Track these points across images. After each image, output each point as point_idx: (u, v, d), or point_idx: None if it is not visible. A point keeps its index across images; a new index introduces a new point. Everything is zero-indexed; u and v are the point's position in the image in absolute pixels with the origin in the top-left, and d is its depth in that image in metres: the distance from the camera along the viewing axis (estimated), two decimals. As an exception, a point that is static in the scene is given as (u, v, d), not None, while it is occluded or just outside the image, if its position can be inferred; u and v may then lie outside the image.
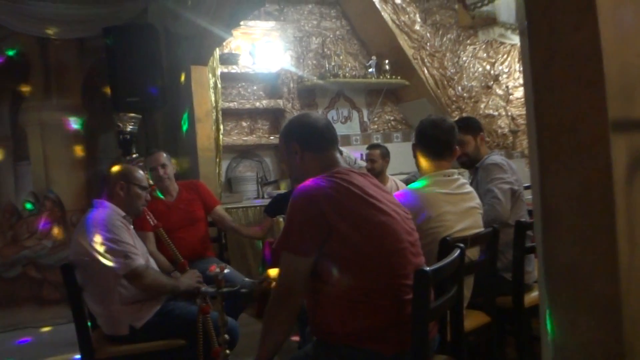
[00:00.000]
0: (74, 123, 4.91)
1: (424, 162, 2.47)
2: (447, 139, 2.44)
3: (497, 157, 2.99)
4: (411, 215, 1.98)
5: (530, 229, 2.64)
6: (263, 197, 5.29)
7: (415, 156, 2.52)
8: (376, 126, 6.38)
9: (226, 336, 2.22)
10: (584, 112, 1.17)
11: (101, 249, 2.41)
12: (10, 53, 4.79)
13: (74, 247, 2.49)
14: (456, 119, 3.12)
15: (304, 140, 1.94)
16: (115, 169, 2.71)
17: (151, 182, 3.48)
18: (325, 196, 1.72)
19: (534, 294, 2.78)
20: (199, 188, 3.73)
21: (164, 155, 3.58)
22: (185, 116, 4.62)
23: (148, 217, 2.81)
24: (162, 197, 3.53)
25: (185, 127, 4.65)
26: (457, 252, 1.94)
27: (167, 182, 3.54)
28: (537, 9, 1.23)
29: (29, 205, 4.71)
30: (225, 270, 2.18)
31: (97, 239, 2.43)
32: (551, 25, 1.21)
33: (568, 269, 1.20)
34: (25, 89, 4.84)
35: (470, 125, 3.08)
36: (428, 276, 1.64)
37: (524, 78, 1.39)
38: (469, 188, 2.55)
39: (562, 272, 1.21)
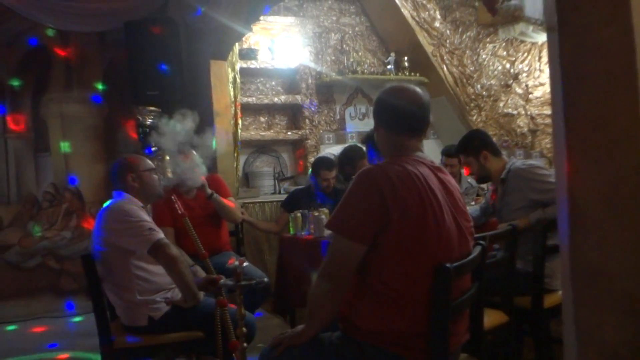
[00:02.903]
0: (94, 115, 4.95)
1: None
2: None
3: (521, 162, 3.00)
4: None
5: (551, 228, 2.62)
6: (280, 193, 5.30)
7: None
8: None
9: (244, 329, 2.23)
10: (615, 107, 1.15)
11: (124, 230, 2.43)
12: (32, 45, 4.83)
13: (96, 239, 2.51)
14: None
15: (382, 114, 1.86)
16: (120, 162, 2.70)
17: (170, 174, 3.49)
18: (389, 184, 1.63)
19: (553, 294, 2.75)
20: (216, 182, 3.74)
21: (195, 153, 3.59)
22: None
23: (176, 206, 2.83)
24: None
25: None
26: (478, 249, 1.92)
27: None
28: (568, 3, 1.21)
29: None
30: (244, 264, 2.18)
31: (118, 223, 2.46)
32: (582, 19, 1.19)
33: (595, 269, 1.18)
34: (47, 81, 4.89)
35: (470, 147, 3.01)
36: (449, 272, 1.63)
37: (551, 73, 1.37)
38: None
39: (589, 272, 1.19)
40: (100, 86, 4.94)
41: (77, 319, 4.51)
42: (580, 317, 1.21)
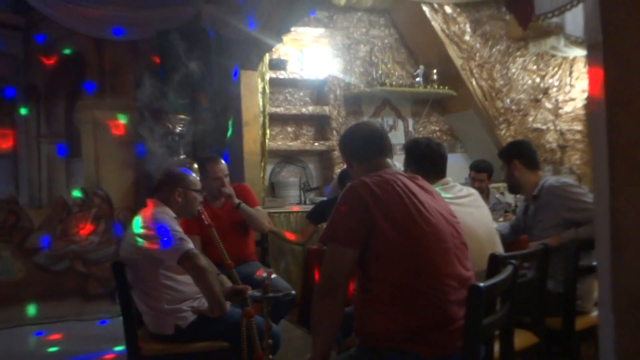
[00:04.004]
0: (126, 123, 5.03)
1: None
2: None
3: (554, 179, 2.96)
4: None
5: (584, 248, 2.57)
6: (305, 203, 5.30)
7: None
8: (421, 136, 6.31)
9: (270, 341, 2.22)
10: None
11: (155, 239, 2.45)
12: (67, 52, 4.94)
13: (126, 246, 2.54)
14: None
15: (350, 150, 2.07)
16: (172, 174, 2.73)
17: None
18: (369, 192, 1.78)
19: (585, 317, 2.70)
20: (243, 191, 3.75)
21: (224, 162, 3.61)
22: (230, 121, 4.66)
23: (203, 217, 2.85)
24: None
25: (230, 132, 4.70)
26: (510, 269, 1.89)
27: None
28: (614, 23, 1.19)
29: (77, 193, 4.86)
30: (272, 276, 2.18)
31: (151, 231, 2.47)
32: (629, 39, 1.17)
33: (639, 293, 1.15)
34: (80, 87, 4.99)
35: (504, 152, 3.15)
36: (481, 292, 1.61)
37: (591, 92, 1.35)
38: (470, 191, 2.57)
39: (632, 296, 1.16)
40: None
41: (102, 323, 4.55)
42: (621, 344, 1.18)
